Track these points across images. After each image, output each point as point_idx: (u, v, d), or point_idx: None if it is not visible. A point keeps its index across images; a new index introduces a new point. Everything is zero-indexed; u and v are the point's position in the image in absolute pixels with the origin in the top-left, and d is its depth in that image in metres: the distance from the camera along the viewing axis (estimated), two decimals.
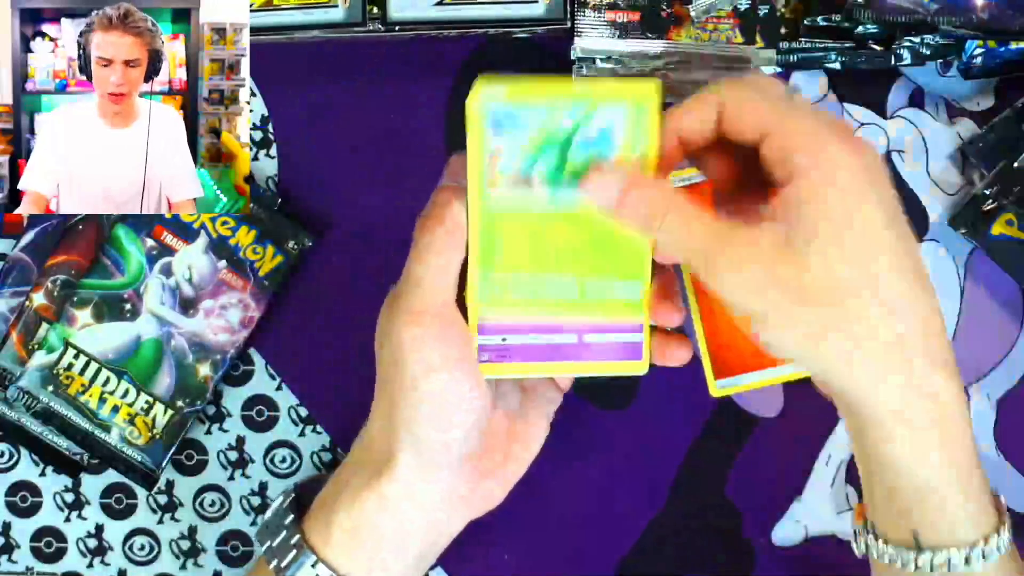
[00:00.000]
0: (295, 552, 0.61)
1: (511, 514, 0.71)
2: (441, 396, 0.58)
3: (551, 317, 0.59)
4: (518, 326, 0.59)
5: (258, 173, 0.72)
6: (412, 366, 0.58)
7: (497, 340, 0.59)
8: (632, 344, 0.59)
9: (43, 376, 0.70)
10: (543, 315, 0.59)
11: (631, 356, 0.60)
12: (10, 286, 0.71)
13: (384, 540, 0.61)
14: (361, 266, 0.72)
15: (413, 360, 0.58)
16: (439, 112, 0.71)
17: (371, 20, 0.66)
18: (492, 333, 0.59)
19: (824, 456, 0.71)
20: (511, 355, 0.59)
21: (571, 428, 0.72)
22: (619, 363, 0.60)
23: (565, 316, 0.59)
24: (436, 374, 0.58)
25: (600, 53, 0.67)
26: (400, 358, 0.58)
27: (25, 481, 0.74)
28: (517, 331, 0.59)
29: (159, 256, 0.70)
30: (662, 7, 0.67)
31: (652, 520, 0.72)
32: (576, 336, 0.59)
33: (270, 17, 0.66)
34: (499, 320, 0.59)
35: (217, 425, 0.73)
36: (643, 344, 0.59)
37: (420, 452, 0.60)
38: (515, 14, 0.66)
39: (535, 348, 0.59)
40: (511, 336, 0.59)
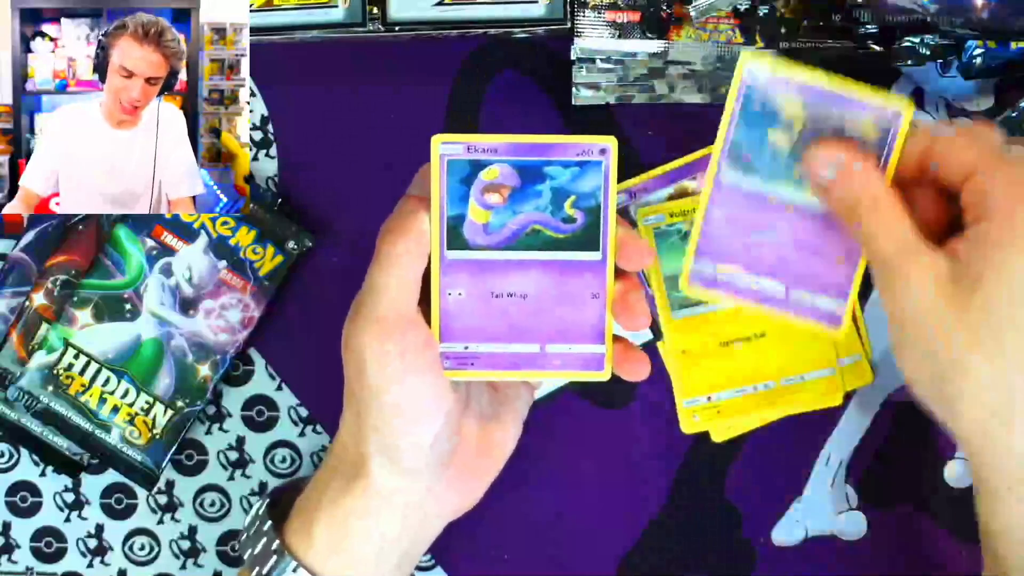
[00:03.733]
0: (276, 558, 0.61)
1: (511, 514, 0.71)
2: (406, 403, 0.59)
3: (514, 324, 0.59)
4: (481, 332, 0.59)
5: (258, 173, 0.72)
6: (376, 374, 0.58)
7: (459, 348, 0.59)
8: (595, 356, 0.60)
9: (43, 376, 0.70)
10: (506, 323, 0.59)
11: (593, 368, 0.60)
12: (10, 286, 0.71)
13: (364, 544, 0.62)
14: (361, 266, 0.71)
15: (377, 368, 0.58)
16: (439, 112, 0.71)
17: (371, 20, 0.66)
18: (455, 340, 0.59)
19: (824, 456, 0.71)
20: (475, 363, 0.60)
21: (571, 428, 0.72)
22: (582, 372, 0.60)
23: (527, 323, 0.59)
24: (400, 382, 0.58)
25: (600, 53, 0.67)
26: (364, 367, 0.58)
27: (25, 481, 0.74)
28: (479, 338, 0.59)
29: (159, 256, 0.70)
30: (662, 7, 0.66)
31: (652, 520, 0.72)
32: (538, 346, 0.59)
33: (270, 17, 0.66)
34: (462, 326, 0.59)
35: (217, 425, 0.73)
36: (604, 356, 0.59)
37: (391, 458, 0.60)
38: (515, 14, 0.66)
39: (498, 356, 0.60)
40: (473, 344, 0.59)
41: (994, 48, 0.67)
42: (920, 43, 0.67)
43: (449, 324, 0.59)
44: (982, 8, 0.64)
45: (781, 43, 0.67)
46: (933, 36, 0.66)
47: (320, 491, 0.62)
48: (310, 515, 0.62)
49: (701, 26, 0.67)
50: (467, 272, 0.58)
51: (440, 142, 0.57)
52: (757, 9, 0.67)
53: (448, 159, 0.57)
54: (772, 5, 0.67)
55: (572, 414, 0.72)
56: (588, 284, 0.59)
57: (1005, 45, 0.67)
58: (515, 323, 0.59)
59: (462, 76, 0.71)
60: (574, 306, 0.59)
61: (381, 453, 0.60)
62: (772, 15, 0.67)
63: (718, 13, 0.66)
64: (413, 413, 0.59)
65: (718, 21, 0.67)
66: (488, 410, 0.65)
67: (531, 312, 0.59)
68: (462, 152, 0.57)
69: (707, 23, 0.67)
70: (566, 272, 0.58)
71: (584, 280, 0.58)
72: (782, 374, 0.69)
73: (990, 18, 0.64)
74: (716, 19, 0.67)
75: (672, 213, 0.69)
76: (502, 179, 0.57)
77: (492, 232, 0.58)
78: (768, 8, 0.67)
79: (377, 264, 0.59)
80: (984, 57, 0.68)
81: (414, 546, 0.64)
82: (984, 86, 0.70)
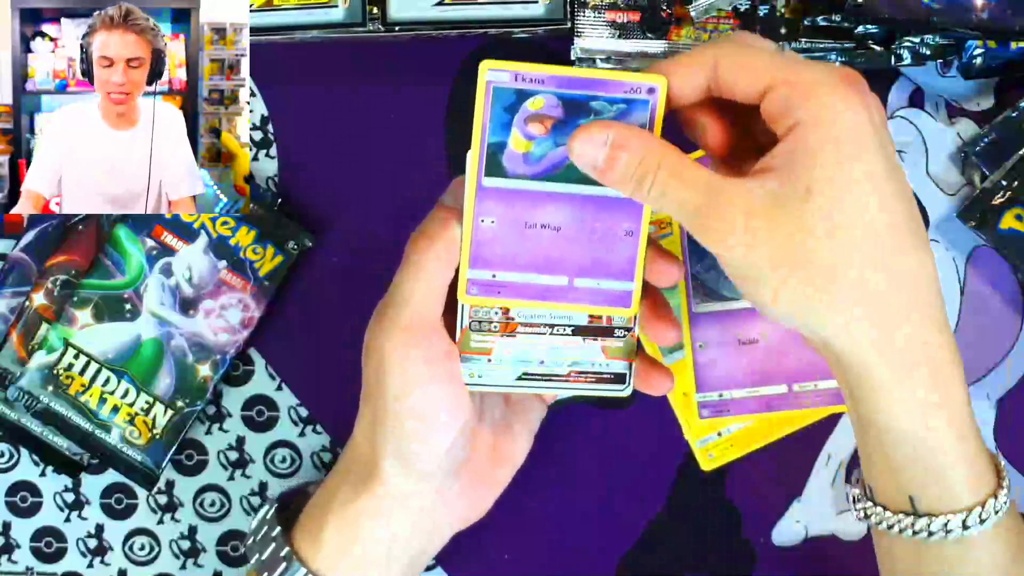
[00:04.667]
0: (285, 564, 0.61)
1: (511, 514, 0.71)
2: (425, 411, 0.58)
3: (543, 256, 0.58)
4: (510, 261, 0.58)
5: (258, 173, 0.72)
6: (397, 381, 0.58)
7: (487, 275, 0.58)
8: (623, 292, 0.58)
9: (43, 376, 0.70)
10: (536, 254, 0.58)
11: (621, 304, 0.59)
12: (10, 286, 0.71)
13: (374, 550, 0.61)
14: (361, 266, 0.72)
15: (398, 375, 0.58)
16: (439, 112, 0.71)
17: (371, 20, 0.66)
18: (483, 267, 0.58)
19: (824, 456, 0.71)
20: (501, 291, 0.59)
21: (571, 428, 0.72)
22: (608, 307, 0.59)
23: (557, 255, 0.58)
24: (421, 390, 0.58)
25: (600, 53, 0.67)
26: (385, 372, 0.58)
27: (25, 481, 0.74)
28: (508, 267, 0.58)
29: (159, 256, 0.70)
30: (662, 7, 0.66)
31: (652, 520, 0.72)
32: (567, 279, 0.59)
33: (270, 17, 0.66)
34: (492, 253, 0.58)
35: (217, 425, 0.73)
36: (632, 293, 0.58)
37: (406, 464, 0.60)
38: (515, 14, 0.66)
39: (525, 286, 0.59)
40: (501, 272, 0.58)
41: (994, 48, 0.68)
42: (920, 43, 0.67)
43: (479, 251, 0.58)
44: (982, 8, 0.64)
45: (781, 43, 0.67)
46: (933, 36, 0.66)
47: (331, 495, 0.62)
48: (320, 519, 0.62)
49: (701, 26, 0.67)
50: (502, 200, 0.57)
51: (487, 68, 0.56)
52: (757, 9, 0.67)
53: (494, 86, 0.56)
54: (772, 5, 0.67)
55: (573, 414, 0.72)
56: (622, 221, 0.57)
57: (1005, 45, 0.67)
58: (545, 254, 0.58)
59: (462, 76, 0.71)
60: (606, 242, 0.58)
61: (396, 457, 0.60)
62: (772, 15, 0.67)
63: (718, 13, 0.66)
64: (431, 419, 0.59)
65: (718, 21, 0.67)
66: (501, 421, 0.65)
67: (562, 245, 0.58)
68: (509, 80, 0.56)
69: (707, 23, 0.67)
70: (601, 208, 0.57)
71: (618, 217, 0.57)
72: None
73: (990, 18, 0.64)
74: (716, 19, 0.67)
75: None
76: (546, 110, 0.56)
77: (531, 162, 0.57)
78: (768, 8, 0.67)
79: (405, 270, 0.58)
80: (984, 57, 0.68)
81: (422, 554, 0.64)
82: (984, 86, 0.70)
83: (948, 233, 0.70)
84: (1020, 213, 0.68)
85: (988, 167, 0.68)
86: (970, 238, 0.70)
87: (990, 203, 0.68)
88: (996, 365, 0.71)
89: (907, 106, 0.71)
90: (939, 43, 0.67)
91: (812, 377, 0.67)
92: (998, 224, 0.68)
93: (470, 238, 0.58)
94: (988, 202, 0.68)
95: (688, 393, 0.69)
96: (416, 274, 0.58)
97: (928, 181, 0.71)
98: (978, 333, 0.70)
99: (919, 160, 0.71)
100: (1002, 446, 0.71)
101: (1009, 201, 0.68)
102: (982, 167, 0.69)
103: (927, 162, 0.71)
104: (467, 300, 0.59)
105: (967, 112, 0.71)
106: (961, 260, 0.71)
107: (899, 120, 0.71)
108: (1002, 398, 0.71)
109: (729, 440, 0.70)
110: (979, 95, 0.70)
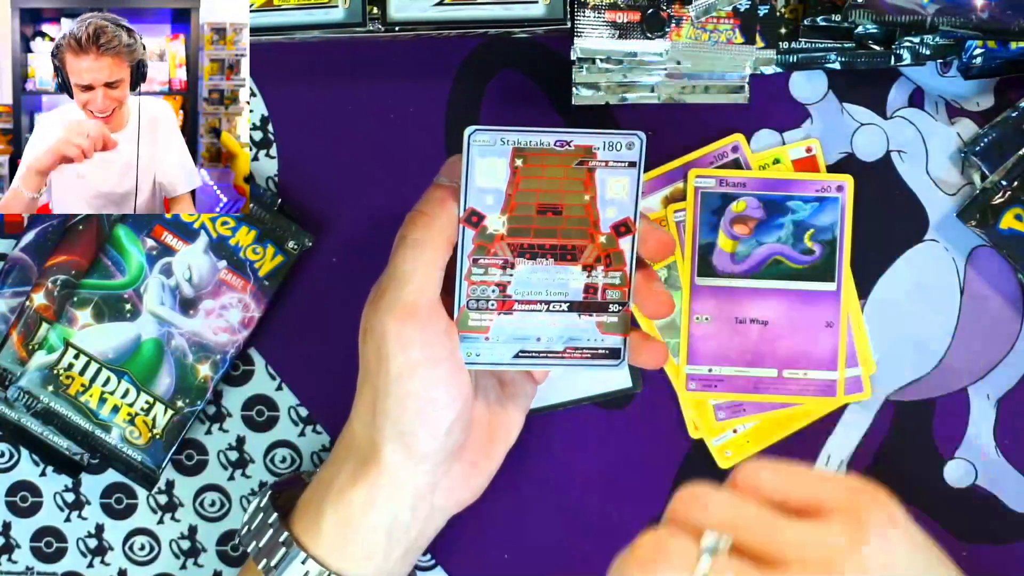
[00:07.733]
0: (284, 550, 0.61)
1: (511, 513, 0.71)
2: (426, 391, 0.59)
3: None
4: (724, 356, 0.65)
5: (258, 173, 0.72)
6: (398, 360, 0.58)
7: (704, 370, 0.65)
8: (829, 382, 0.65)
9: (43, 376, 0.70)
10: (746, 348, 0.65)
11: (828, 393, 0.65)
12: (10, 286, 0.71)
13: (372, 533, 0.61)
14: (361, 266, 0.71)
15: (399, 355, 0.58)
16: (439, 112, 0.71)
17: (371, 20, 0.66)
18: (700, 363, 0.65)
19: (824, 456, 0.71)
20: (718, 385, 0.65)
21: (571, 428, 0.72)
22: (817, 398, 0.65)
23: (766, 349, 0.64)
24: (422, 369, 0.58)
25: (600, 53, 0.67)
26: (385, 353, 0.58)
27: (25, 481, 0.74)
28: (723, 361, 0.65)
29: (159, 256, 0.70)
30: (662, 7, 0.66)
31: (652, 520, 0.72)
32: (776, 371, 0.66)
33: (270, 17, 0.66)
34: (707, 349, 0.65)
35: (217, 425, 0.73)
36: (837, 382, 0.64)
37: (406, 445, 0.60)
38: (515, 14, 0.66)
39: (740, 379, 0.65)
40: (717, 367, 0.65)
41: (994, 48, 0.68)
42: (920, 43, 0.67)
43: (696, 347, 0.63)
44: (982, 8, 0.64)
45: (781, 43, 0.67)
46: (933, 36, 0.66)
47: (328, 482, 0.62)
48: (317, 506, 0.62)
49: (701, 26, 0.67)
50: (714, 298, 0.63)
51: (695, 175, 0.62)
52: (757, 9, 0.67)
53: (702, 191, 0.62)
54: (772, 5, 0.67)
55: (573, 414, 0.72)
56: (823, 313, 0.64)
57: (1005, 45, 0.67)
58: (755, 348, 0.63)
59: (462, 76, 0.71)
60: (809, 334, 0.64)
61: (395, 440, 0.60)
62: (772, 15, 0.67)
63: (718, 13, 0.66)
64: (432, 400, 0.59)
65: (718, 21, 0.67)
66: (495, 401, 0.65)
67: (770, 338, 0.63)
68: (715, 185, 0.62)
69: (707, 23, 0.67)
70: (803, 301, 0.63)
71: (819, 309, 0.64)
72: None
73: (990, 18, 0.64)
74: (716, 19, 0.67)
75: None
76: (749, 211, 0.62)
77: (738, 261, 0.63)
78: (768, 8, 0.67)
79: (403, 250, 0.58)
80: (984, 57, 0.68)
81: (420, 537, 0.64)
82: (984, 86, 0.70)
83: (948, 233, 0.70)
84: (1020, 213, 0.68)
85: (988, 167, 0.68)
86: (970, 238, 0.70)
87: (990, 203, 0.68)
88: (996, 365, 0.71)
89: (907, 106, 0.71)
90: (939, 43, 0.67)
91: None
92: (998, 224, 0.68)
93: (687, 336, 0.64)
94: (988, 202, 0.68)
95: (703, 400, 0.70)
96: (415, 253, 0.58)
97: (928, 181, 0.71)
98: (978, 333, 0.70)
99: (919, 160, 0.71)
100: (1002, 446, 0.71)
101: (1009, 201, 0.68)
102: (982, 167, 0.69)
103: (927, 162, 0.71)
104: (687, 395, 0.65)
105: (967, 112, 0.71)
106: (961, 260, 0.71)
107: (899, 120, 0.71)
108: (1002, 398, 0.71)
109: (745, 436, 0.70)
110: (979, 95, 0.70)
